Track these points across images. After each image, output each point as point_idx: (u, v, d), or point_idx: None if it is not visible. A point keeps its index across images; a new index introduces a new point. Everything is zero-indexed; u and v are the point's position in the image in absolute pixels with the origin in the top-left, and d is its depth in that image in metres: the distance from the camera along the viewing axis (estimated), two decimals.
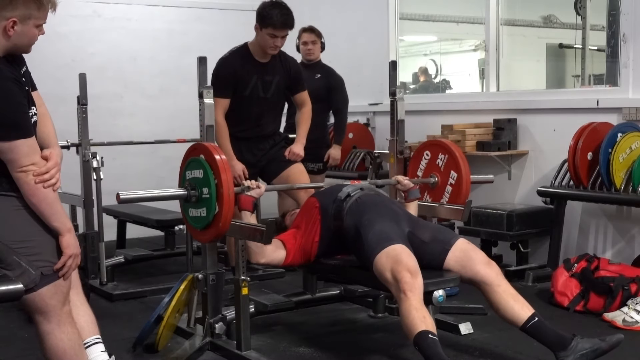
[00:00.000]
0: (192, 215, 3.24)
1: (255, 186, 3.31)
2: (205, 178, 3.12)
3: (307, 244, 3.38)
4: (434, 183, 3.94)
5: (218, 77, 4.12)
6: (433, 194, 3.97)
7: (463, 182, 3.83)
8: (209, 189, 3.09)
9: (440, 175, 3.93)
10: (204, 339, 3.47)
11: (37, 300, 2.40)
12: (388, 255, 3.01)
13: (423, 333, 2.80)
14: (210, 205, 3.09)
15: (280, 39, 4.08)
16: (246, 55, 4.18)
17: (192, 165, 3.22)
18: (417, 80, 9.49)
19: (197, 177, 3.17)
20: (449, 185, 3.89)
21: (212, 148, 3.15)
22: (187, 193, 3.19)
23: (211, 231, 3.16)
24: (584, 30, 6.70)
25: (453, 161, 3.88)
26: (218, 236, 3.23)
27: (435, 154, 3.97)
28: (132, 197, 3.19)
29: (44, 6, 2.37)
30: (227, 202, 3.05)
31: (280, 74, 4.25)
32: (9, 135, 2.27)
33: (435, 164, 3.96)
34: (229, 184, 3.06)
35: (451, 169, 3.88)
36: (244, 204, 3.27)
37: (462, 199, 3.83)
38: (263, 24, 4.05)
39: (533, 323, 3.06)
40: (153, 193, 3.43)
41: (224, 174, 3.06)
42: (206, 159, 3.13)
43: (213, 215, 3.09)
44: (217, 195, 3.07)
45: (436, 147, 4.00)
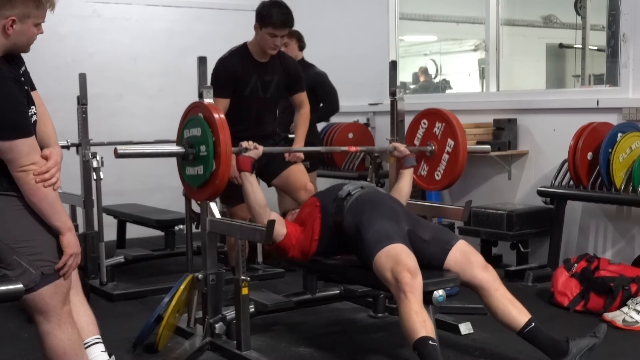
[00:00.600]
0: (189, 173, 3.25)
1: (252, 147, 3.33)
2: (203, 136, 3.12)
3: (306, 242, 3.38)
4: (431, 151, 3.94)
5: (218, 77, 4.12)
6: (430, 163, 3.96)
7: (460, 150, 3.82)
8: (207, 146, 3.10)
9: (437, 143, 3.93)
10: (204, 339, 3.47)
11: (37, 300, 2.40)
12: (388, 255, 3.01)
13: (423, 339, 2.79)
14: (207, 163, 3.10)
15: (279, 39, 4.08)
16: (246, 55, 4.18)
17: (190, 124, 3.22)
18: (417, 80, 9.49)
19: (195, 135, 3.18)
20: (446, 154, 3.88)
21: (211, 106, 3.16)
22: (185, 151, 3.21)
23: (208, 189, 3.17)
24: (584, 30, 6.71)
25: (450, 129, 3.86)
26: (214, 194, 3.23)
27: (432, 122, 3.95)
28: (130, 152, 3.21)
29: (42, 5, 2.37)
30: (224, 160, 3.06)
31: (279, 74, 4.25)
32: (9, 134, 2.27)
33: (432, 132, 3.94)
34: (227, 142, 3.06)
35: (448, 137, 3.86)
36: (242, 165, 3.30)
37: (458, 167, 3.83)
38: (263, 23, 4.05)
39: (530, 329, 3.06)
40: (151, 149, 3.46)
41: (222, 132, 3.06)
42: (204, 117, 3.14)
43: (210, 172, 3.10)
44: (214, 153, 3.07)
45: (433, 115, 3.98)
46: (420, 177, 4.02)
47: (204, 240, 3.45)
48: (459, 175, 3.89)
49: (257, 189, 3.36)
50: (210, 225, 3.39)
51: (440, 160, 3.91)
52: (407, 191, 3.75)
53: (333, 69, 6.69)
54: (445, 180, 3.93)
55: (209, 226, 3.39)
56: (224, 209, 4.33)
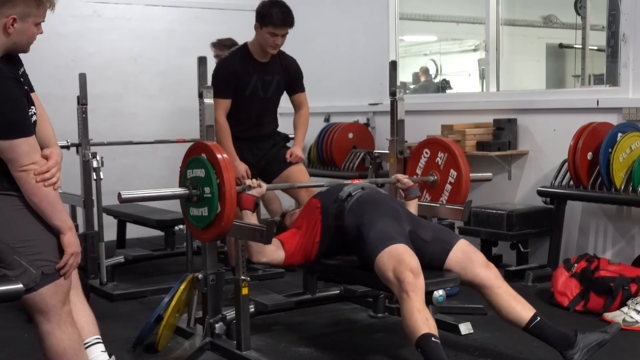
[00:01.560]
0: (194, 214, 3.23)
1: (256, 185, 3.31)
2: (207, 177, 3.11)
3: (307, 244, 3.38)
4: (433, 181, 3.94)
5: (218, 77, 4.12)
6: (432, 193, 3.96)
7: (463, 180, 3.82)
8: (211, 188, 3.08)
9: (440, 173, 3.93)
10: (204, 339, 3.47)
11: (38, 299, 2.40)
12: (390, 255, 3.01)
13: (426, 336, 2.80)
14: (212, 205, 3.09)
15: (280, 38, 4.08)
16: (246, 55, 4.18)
17: (193, 164, 3.21)
18: (417, 80, 9.49)
19: (199, 176, 3.16)
20: (449, 184, 3.88)
21: (214, 147, 3.15)
22: (189, 192, 3.18)
23: (213, 230, 3.16)
24: (584, 30, 6.71)
25: (452, 160, 3.87)
26: (220, 235, 3.22)
27: (434, 152, 3.97)
28: (134, 196, 3.19)
29: (43, 4, 2.38)
30: (229, 201, 3.04)
31: (280, 74, 4.25)
32: (9, 134, 2.28)
33: (435, 162, 3.95)
34: (232, 183, 3.05)
35: (451, 168, 3.87)
36: (245, 203, 3.27)
37: (461, 197, 3.82)
38: (263, 22, 4.05)
39: (536, 323, 3.06)
40: (154, 193, 3.42)
41: (226, 172, 3.05)
42: (208, 158, 3.12)
43: (215, 214, 3.09)
44: (219, 195, 3.06)
45: (435, 145, 3.99)
46: None
47: None
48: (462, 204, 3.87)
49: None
50: None
51: (443, 190, 3.90)
52: None
53: (333, 69, 6.73)
54: None
55: None
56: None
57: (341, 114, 6.52)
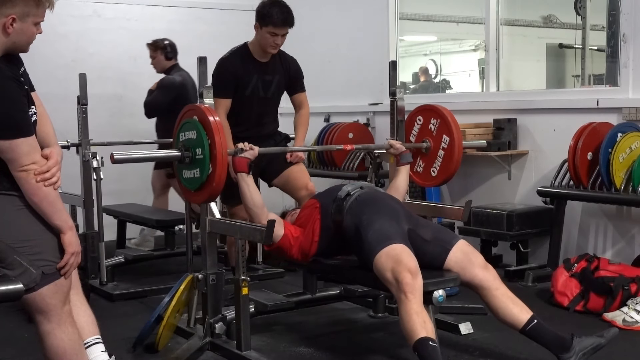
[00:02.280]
0: (186, 176, 3.26)
1: (248, 148, 3.32)
2: (198, 139, 3.13)
3: (306, 242, 3.38)
4: (426, 148, 3.94)
5: (219, 77, 4.12)
6: (426, 160, 3.97)
7: (455, 146, 3.82)
8: (203, 149, 3.10)
9: (433, 140, 3.93)
10: (204, 339, 3.47)
11: (38, 299, 2.40)
12: (388, 255, 3.01)
13: (423, 340, 2.79)
14: (203, 166, 3.11)
15: (280, 37, 4.08)
16: (246, 55, 4.18)
17: (185, 127, 3.23)
18: (417, 80, 9.49)
19: (191, 138, 3.18)
20: (442, 150, 3.88)
21: (205, 109, 3.17)
22: (181, 154, 3.21)
23: (205, 192, 3.18)
24: (584, 30, 6.70)
25: (445, 125, 3.86)
26: (212, 196, 3.23)
27: (427, 119, 3.96)
28: (127, 157, 3.22)
29: (42, 4, 2.37)
30: (220, 162, 3.06)
31: (280, 73, 4.25)
32: (9, 134, 2.27)
33: (428, 129, 3.95)
34: (222, 145, 3.07)
35: (443, 134, 3.87)
36: (239, 166, 3.30)
37: (454, 163, 3.83)
38: (263, 22, 4.05)
39: (532, 325, 3.06)
40: (147, 154, 3.48)
41: (217, 134, 3.06)
42: (199, 120, 3.14)
43: (207, 175, 3.11)
44: (210, 156, 3.08)
45: (428, 112, 3.98)
46: (417, 174, 4.03)
47: (204, 240, 3.45)
48: (454, 171, 3.89)
49: (254, 190, 3.36)
50: (210, 225, 3.39)
51: (436, 157, 3.91)
52: (404, 187, 3.76)
53: (333, 69, 6.73)
54: (441, 176, 3.93)
55: (209, 226, 3.39)
56: (224, 209, 4.33)
57: (341, 114, 6.52)
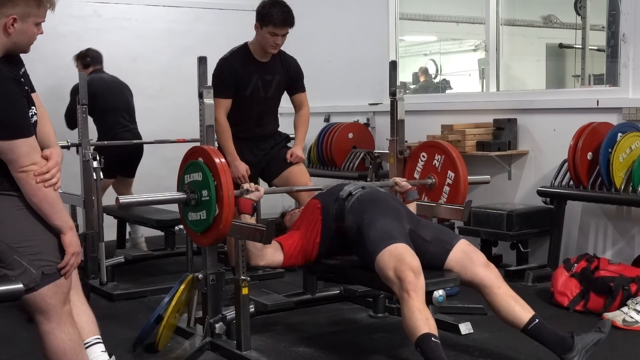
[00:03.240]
0: (192, 219, 3.23)
1: (254, 189, 3.31)
2: (204, 180, 3.11)
3: (308, 245, 3.37)
4: (431, 184, 3.94)
5: (219, 77, 4.12)
6: (431, 196, 3.96)
7: (461, 181, 3.82)
8: (209, 191, 3.08)
9: (438, 176, 3.93)
10: (204, 339, 3.47)
11: (38, 299, 2.40)
12: (391, 254, 3.01)
13: (426, 336, 2.80)
14: (210, 208, 3.09)
15: (280, 37, 4.08)
16: (246, 55, 4.18)
17: (190, 169, 3.21)
18: (417, 80, 9.49)
19: (196, 180, 3.16)
20: (447, 186, 3.88)
21: (211, 150, 3.15)
22: (187, 196, 3.18)
23: (212, 234, 3.16)
24: (584, 30, 6.70)
25: (450, 161, 3.87)
26: (219, 239, 3.23)
27: (431, 155, 3.97)
28: (132, 201, 3.20)
29: (43, 4, 2.38)
30: (227, 204, 3.05)
31: (280, 73, 4.25)
32: (9, 134, 2.27)
33: (432, 165, 3.96)
34: (229, 186, 3.06)
35: (448, 169, 3.87)
36: (243, 207, 3.27)
37: (460, 198, 3.83)
38: (263, 22, 4.05)
39: (534, 325, 3.06)
40: (153, 197, 3.43)
41: (223, 175, 3.05)
42: (205, 162, 3.13)
43: (213, 217, 3.09)
44: (217, 197, 3.06)
45: (432, 148, 4.00)
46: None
47: None
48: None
49: None
50: None
51: (442, 192, 3.90)
52: None
53: (333, 69, 6.73)
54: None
55: None
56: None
57: (341, 114, 6.52)
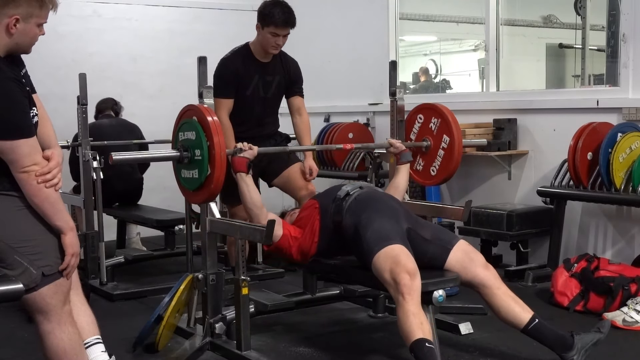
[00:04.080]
0: (185, 176, 3.26)
1: (247, 147, 3.33)
2: (197, 140, 3.13)
3: (306, 244, 3.38)
4: (426, 147, 3.94)
5: (221, 77, 4.11)
6: (425, 158, 3.97)
7: (455, 145, 3.83)
8: (201, 150, 3.11)
9: (433, 139, 3.93)
10: (204, 339, 3.47)
11: (38, 299, 2.40)
12: (387, 255, 3.01)
13: (420, 341, 2.79)
14: (202, 167, 3.12)
15: (281, 38, 4.07)
16: (247, 55, 4.17)
17: (185, 127, 3.23)
18: (417, 80, 9.49)
19: (190, 139, 3.19)
20: (441, 149, 3.89)
21: (205, 109, 3.17)
22: (180, 154, 3.22)
23: (203, 192, 3.18)
24: (584, 30, 6.70)
25: (446, 125, 3.87)
26: (210, 197, 3.24)
27: (428, 117, 3.97)
28: (125, 157, 3.22)
29: (45, 5, 2.38)
30: (219, 164, 3.07)
31: (280, 74, 4.24)
32: (10, 134, 2.28)
33: (428, 127, 3.95)
34: (221, 146, 3.08)
35: (444, 133, 3.87)
36: (238, 166, 3.30)
37: (453, 163, 3.84)
38: (264, 22, 4.04)
39: (534, 325, 3.07)
40: (146, 154, 3.47)
41: (216, 135, 3.07)
42: (199, 121, 3.15)
43: (205, 176, 3.12)
44: (209, 157, 3.08)
45: (429, 110, 3.98)
46: (416, 172, 4.04)
47: (204, 240, 3.45)
48: (454, 170, 3.90)
49: (253, 189, 3.36)
50: (210, 225, 3.39)
51: (436, 156, 3.92)
52: (404, 186, 3.76)
53: (333, 69, 6.73)
54: (440, 175, 3.94)
55: (209, 226, 3.39)
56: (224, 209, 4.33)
57: (341, 114, 6.52)
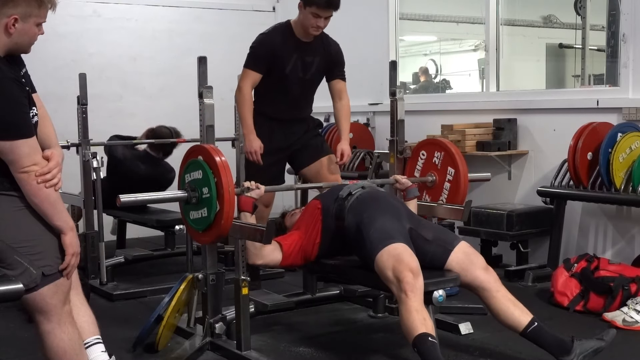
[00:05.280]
0: (193, 217, 3.24)
1: (254, 187, 3.32)
2: (204, 178, 3.13)
3: (308, 245, 3.38)
4: (432, 181, 3.95)
5: (255, 50, 4.00)
6: (432, 193, 3.97)
7: (461, 177, 3.84)
8: (209, 188, 3.10)
9: (438, 173, 3.94)
10: (204, 339, 3.47)
11: (38, 299, 2.40)
12: (389, 254, 3.01)
13: (423, 336, 2.80)
14: (211, 205, 3.10)
15: (323, 20, 3.95)
16: (288, 33, 4.04)
17: (191, 168, 3.23)
18: (417, 80, 9.49)
19: (197, 179, 3.18)
20: (447, 182, 3.89)
21: (210, 149, 3.17)
22: (188, 194, 3.20)
23: (213, 231, 3.17)
24: (584, 30, 6.71)
25: (449, 158, 3.89)
26: (220, 236, 3.23)
27: (431, 152, 3.98)
28: (133, 200, 3.20)
29: (44, 4, 2.38)
30: (228, 200, 3.06)
31: (320, 55, 4.11)
32: (9, 134, 2.27)
33: (432, 162, 3.97)
34: (229, 183, 3.07)
35: (448, 166, 3.89)
36: (243, 205, 3.28)
37: (460, 195, 3.83)
38: (307, 2, 3.92)
39: (533, 328, 3.06)
40: (154, 196, 3.44)
41: (223, 172, 3.07)
42: (205, 160, 3.14)
43: (214, 214, 3.10)
44: (217, 194, 3.08)
45: (432, 145, 4.01)
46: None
47: None
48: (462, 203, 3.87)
49: None
50: None
51: (442, 189, 3.92)
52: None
53: None
54: None
55: None
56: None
57: None
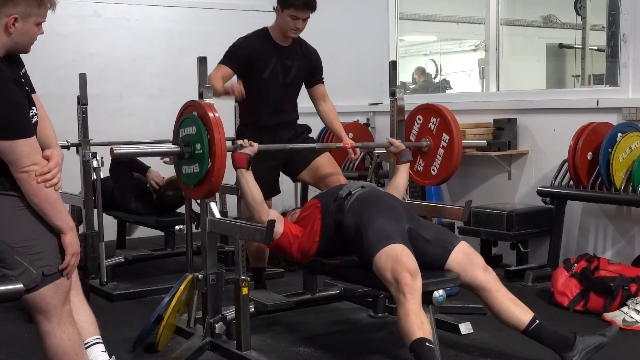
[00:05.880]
0: (185, 172, 3.28)
1: (247, 144, 3.34)
2: (198, 134, 3.15)
3: (307, 243, 3.38)
4: (426, 147, 3.95)
5: (233, 50, 4.00)
6: (426, 158, 3.98)
7: (455, 144, 3.84)
8: (202, 144, 3.12)
9: (433, 138, 3.94)
10: (204, 339, 3.47)
11: (38, 299, 2.40)
12: (388, 255, 3.01)
13: (420, 341, 2.79)
14: (203, 161, 3.13)
15: (301, 22, 3.99)
16: (266, 37, 4.06)
17: (185, 123, 3.25)
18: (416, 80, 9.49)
19: (190, 134, 3.20)
20: (442, 149, 3.90)
21: (205, 105, 3.18)
22: (181, 149, 3.23)
23: (204, 187, 3.20)
24: (584, 30, 6.71)
25: (445, 124, 3.88)
26: (210, 192, 3.25)
27: (427, 117, 3.98)
28: (127, 152, 3.21)
29: (44, 4, 2.38)
30: (219, 157, 3.08)
31: (300, 60, 4.12)
32: (9, 134, 2.28)
33: (428, 127, 3.97)
34: (222, 140, 3.09)
35: (443, 132, 3.89)
36: (238, 162, 3.31)
37: (454, 162, 3.85)
38: (284, 4, 3.95)
39: (535, 326, 3.06)
40: (148, 149, 3.47)
41: (216, 129, 3.09)
42: (199, 116, 3.17)
43: (206, 170, 3.13)
44: (209, 151, 3.10)
45: (428, 111, 4.00)
46: (417, 173, 4.04)
47: (204, 240, 3.45)
48: (454, 170, 3.90)
49: (253, 185, 3.36)
50: (210, 225, 3.39)
51: (436, 155, 3.93)
52: (404, 186, 3.77)
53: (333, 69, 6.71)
54: (441, 175, 3.95)
55: (209, 226, 3.39)
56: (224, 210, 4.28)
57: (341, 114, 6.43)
